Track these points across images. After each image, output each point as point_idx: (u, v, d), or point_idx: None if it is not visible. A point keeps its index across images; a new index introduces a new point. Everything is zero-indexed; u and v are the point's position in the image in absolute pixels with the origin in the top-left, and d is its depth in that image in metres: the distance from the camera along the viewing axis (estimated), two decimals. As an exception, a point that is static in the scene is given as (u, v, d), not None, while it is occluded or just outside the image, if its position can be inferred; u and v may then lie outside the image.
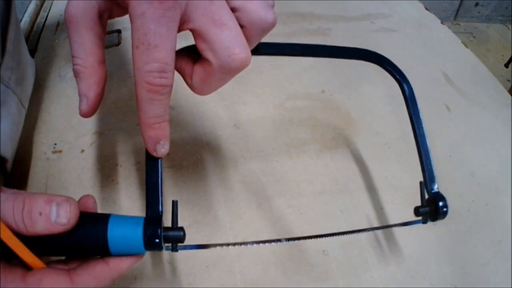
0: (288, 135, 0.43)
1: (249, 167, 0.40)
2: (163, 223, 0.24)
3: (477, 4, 1.81)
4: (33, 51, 0.50)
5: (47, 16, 0.56)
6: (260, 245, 0.33)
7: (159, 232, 0.24)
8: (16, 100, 0.35)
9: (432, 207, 0.30)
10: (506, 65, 1.43)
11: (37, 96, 0.44)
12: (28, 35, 0.53)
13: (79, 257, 0.24)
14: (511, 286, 0.36)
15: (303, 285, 0.33)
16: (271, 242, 0.32)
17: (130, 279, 0.32)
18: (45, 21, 0.56)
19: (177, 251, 0.25)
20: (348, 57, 0.32)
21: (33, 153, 0.39)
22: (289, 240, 0.34)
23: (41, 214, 0.22)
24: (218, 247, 0.29)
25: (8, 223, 0.21)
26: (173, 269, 0.33)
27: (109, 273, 0.23)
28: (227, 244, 0.31)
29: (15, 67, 0.36)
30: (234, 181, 0.39)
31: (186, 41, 0.25)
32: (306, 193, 0.39)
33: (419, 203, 0.31)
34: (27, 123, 0.40)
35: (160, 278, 0.33)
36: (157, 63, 0.21)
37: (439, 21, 0.63)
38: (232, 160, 0.40)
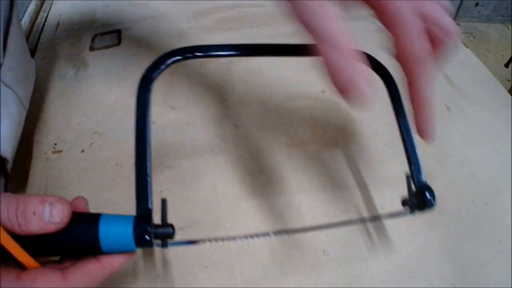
0: (288, 135, 0.43)
1: (249, 167, 0.40)
2: (153, 220, 0.25)
3: (477, 4, 1.81)
4: (33, 51, 0.51)
5: (47, 16, 0.56)
6: (255, 239, 0.34)
7: (149, 229, 0.24)
8: (17, 100, 0.35)
9: (420, 199, 0.31)
10: (506, 65, 1.43)
11: (37, 96, 0.44)
12: (28, 35, 0.53)
13: (72, 256, 0.25)
14: (511, 286, 0.36)
15: (303, 285, 0.33)
16: (259, 237, 0.33)
17: (130, 279, 0.32)
18: (45, 21, 0.56)
19: (167, 247, 0.26)
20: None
21: (33, 153, 0.40)
22: (277, 234, 0.35)
23: (35, 213, 0.22)
24: (207, 242, 0.30)
25: (3, 223, 0.22)
26: (173, 269, 0.33)
27: (101, 270, 0.24)
28: (215, 239, 0.31)
29: (16, 67, 0.36)
30: (234, 181, 0.39)
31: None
32: (306, 193, 0.39)
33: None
34: (27, 123, 0.40)
35: (160, 278, 0.33)
36: None
37: (439, 21, 0.63)
38: (232, 160, 0.40)
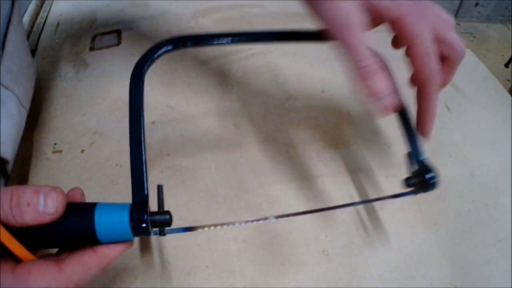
0: (288, 135, 0.43)
1: (249, 167, 0.40)
2: (149, 208, 0.24)
3: (477, 4, 1.81)
4: (33, 51, 0.51)
5: (47, 16, 0.56)
6: (249, 224, 0.35)
7: (145, 217, 0.23)
8: (16, 101, 0.35)
9: (421, 179, 0.30)
10: (506, 65, 1.43)
11: (37, 96, 0.44)
12: (28, 35, 0.53)
13: (69, 248, 0.24)
14: (511, 286, 0.36)
15: (303, 285, 0.33)
16: (259, 221, 0.33)
17: (130, 279, 0.32)
18: (45, 21, 0.56)
19: (164, 235, 0.25)
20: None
21: (33, 153, 0.39)
22: (278, 218, 0.35)
23: (29, 204, 0.22)
24: (206, 228, 0.30)
25: None
26: (173, 269, 0.33)
27: (98, 261, 0.23)
28: (214, 225, 0.31)
29: (15, 69, 0.36)
30: (234, 181, 0.39)
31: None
32: (306, 193, 0.39)
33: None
34: (27, 123, 0.40)
35: (160, 278, 0.33)
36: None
37: (439, 21, 0.63)
38: (232, 160, 0.40)
